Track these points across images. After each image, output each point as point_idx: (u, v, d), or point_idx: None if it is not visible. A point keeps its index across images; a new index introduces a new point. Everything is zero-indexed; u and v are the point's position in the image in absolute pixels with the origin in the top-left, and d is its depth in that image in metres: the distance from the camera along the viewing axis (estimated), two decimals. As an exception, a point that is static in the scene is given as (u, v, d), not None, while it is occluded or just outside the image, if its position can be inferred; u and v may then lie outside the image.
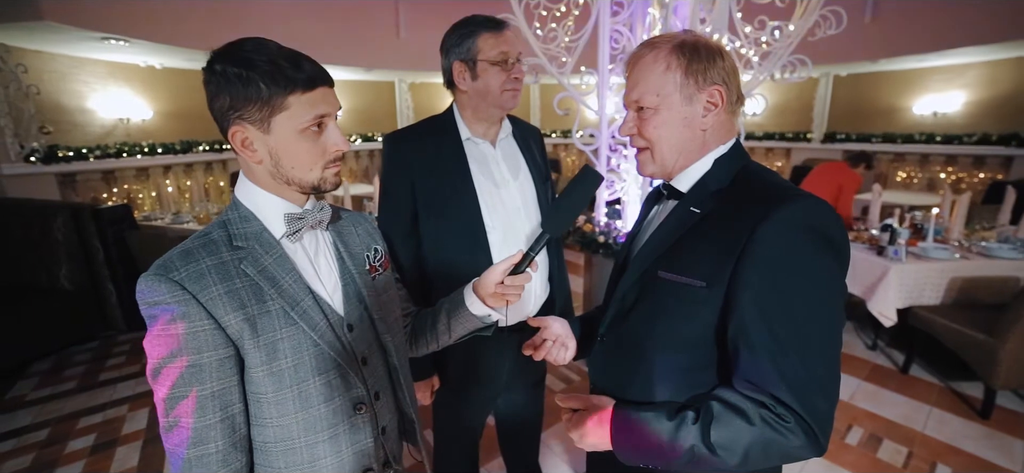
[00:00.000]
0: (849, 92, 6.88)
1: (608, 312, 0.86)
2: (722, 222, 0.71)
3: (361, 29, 6.33)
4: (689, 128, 0.75)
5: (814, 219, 0.64)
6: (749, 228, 0.65)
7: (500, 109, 1.22)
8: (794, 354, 0.62)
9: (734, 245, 0.66)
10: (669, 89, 0.74)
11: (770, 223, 0.64)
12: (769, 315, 0.63)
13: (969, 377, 2.67)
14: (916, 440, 2.25)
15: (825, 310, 0.64)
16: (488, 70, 1.17)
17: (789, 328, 0.62)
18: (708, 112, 0.74)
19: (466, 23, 1.18)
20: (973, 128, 5.86)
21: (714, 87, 0.73)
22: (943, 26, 5.11)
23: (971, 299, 2.73)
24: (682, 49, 0.73)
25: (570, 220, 0.84)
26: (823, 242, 0.64)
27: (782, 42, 2.50)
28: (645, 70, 0.75)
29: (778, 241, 0.64)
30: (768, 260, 0.64)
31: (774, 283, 0.63)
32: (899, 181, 6.57)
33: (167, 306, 0.63)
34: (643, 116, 0.77)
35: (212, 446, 0.65)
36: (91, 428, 2.49)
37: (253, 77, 0.64)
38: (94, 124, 4.94)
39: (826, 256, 0.64)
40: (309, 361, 0.72)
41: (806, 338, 0.62)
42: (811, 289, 0.63)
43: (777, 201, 0.65)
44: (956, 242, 3.01)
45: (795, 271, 0.63)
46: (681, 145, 0.76)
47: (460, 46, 1.18)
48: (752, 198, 0.70)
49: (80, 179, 4.73)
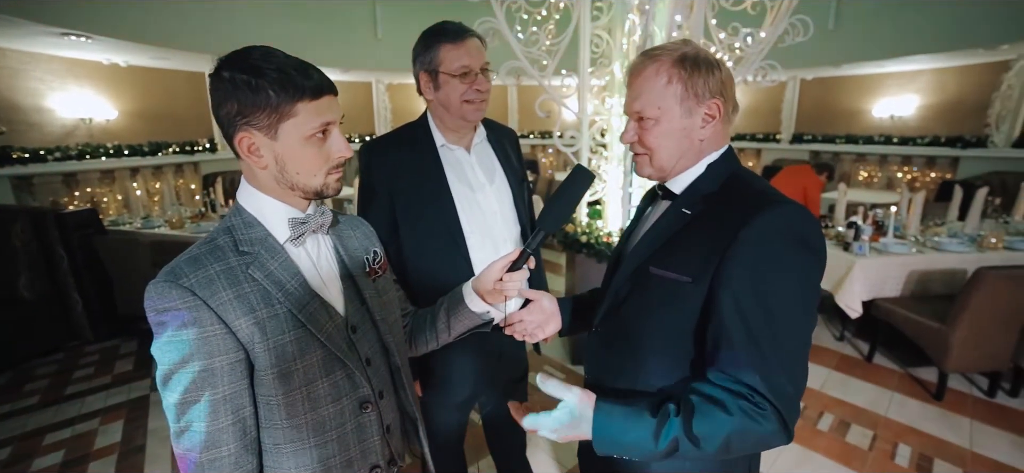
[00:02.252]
0: (815, 95, 7.24)
1: (602, 305, 0.90)
2: (710, 224, 0.76)
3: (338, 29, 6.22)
4: (687, 138, 0.79)
5: (794, 224, 0.70)
6: (733, 230, 0.70)
7: (462, 121, 1.21)
8: (767, 346, 0.67)
9: (719, 245, 0.71)
10: (669, 102, 0.77)
11: (752, 226, 0.69)
12: (746, 311, 0.68)
13: (925, 363, 2.87)
14: (880, 423, 2.40)
15: (798, 308, 0.69)
16: (449, 82, 1.16)
17: (764, 323, 0.68)
18: (706, 123, 0.78)
19: (431, 33, 1.17)
20: (925, 131, 6.27)
21: (713, 101, 0.77)
22: (898, 35, 5.45)
23: (926, 290, 2.93)
24: (683, 63, 0.76)
25: (566, 216, 0.88)
26: (800, 245, 0.70)
27: (754, 48, 2.62)
28: (647, 83, 0.78)
29: (758, 243, 0.69)
30: (748, 260, 0.69)
31: (752, 281, 0.68)
32: (861, 180, 6.95)
33: (177, 312, 0.63)
34: (644, 126, 0.80)
35: (225, 449, 0.66)
36: (59, 445, 2.38)
37: (263, 84, 0.65)
38: (53, 124, 4.69)
39: (802, 257, 0.70)
40: (317, 363, 0.73)
41: (779, 333, 0.68)
42: (786, 288, 0.69)
43: (760, 206, 0.71)
44: (913, 237, 3.22)
45: (772, 270, 0.69)
46: (679, 153, 0.80)
47: (424, 56, 1.18)
48: (738, 203, 0.75)
49: (38, 182, 4.48)
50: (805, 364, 0.71)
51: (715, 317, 0.71)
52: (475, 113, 1.20)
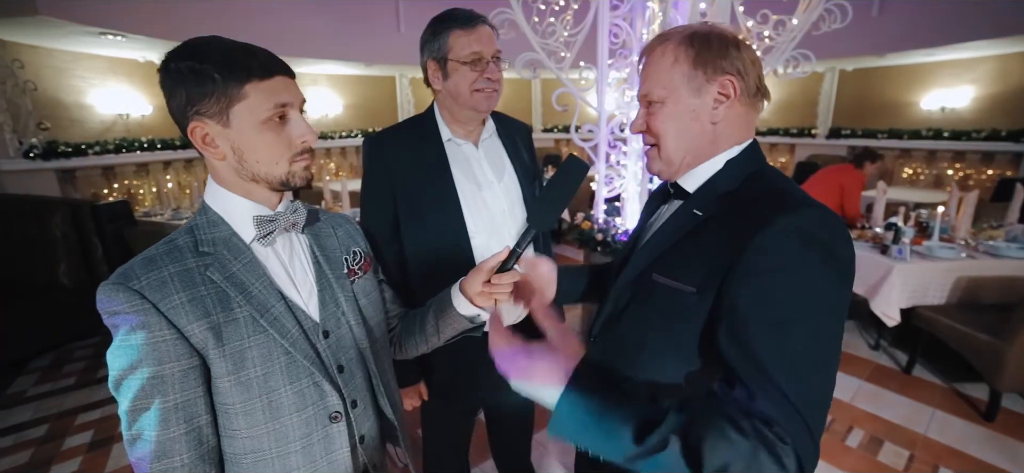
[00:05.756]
0: (855, 87, 6.78)
1: (602, 311, 0.83)
2: (723, 227, 0.67)
3: (361, 24, 6.29)
4: (697, 122, 0.71)
5: (817, 228, 0.60)
6: (748, 235, 0.61)
7: (473, 111, 1.16)
8: (782, 375, 0.58)
9: (730, 252, 0.63)
10: (676, 82, 0.71)
11: (770, 231, 0.60)
12: (761, 331, 0.59)
13: (974, 378, 2.62)
14: (918, 443, 2.22)
15: (821, 329, 0.59)
16: (459, 70, 1.11)
17: (783, 347, 0.58)
18: (719, 104, 0.70)
19: (440, 19, 1.12)
20: (982, 124, 5.75)
21: (726, 77, 0.69)
22: (953, 19, 5.01)
23: (977, 299, 2.68)
24: (692, 40, 0.70)
25: (557, 212, 0.80)
26: (822, 254, 0.60)
27: (785, 37, 2.44)
28: (654, 64, 0.73)
29: (776, 251, 0.60)
30: (764, 271, 0.60)
31: (770, 295, 0.59)
32: (905, 177, 6.48)
33: (126, 316, 0.61)
34: (651, 110, 0.74)
35: (177, 460, 0.63)
36: (89, 425, 2.49)
37: (206, 68, 0.62)
38: (93, 120, 4.94)
39: (825, 268, 0.60)
40: (279, 370, 0.70)
41: (800, 359, 0.58)
42: (808, 305, 0.59)
43: (780, 209, 0.61)
44: (962, 241, 2.95)
45: (792, 285, 0.59)
46: (689, 140, 0.72)
47: (433, 43, 1.13)
48: (757, 204, 0.66)
49: (80, 175, 4.73)
50: (828, 398, 0.60)
51: (726, 334, 0.62)
52: (486, 102, 1.14)
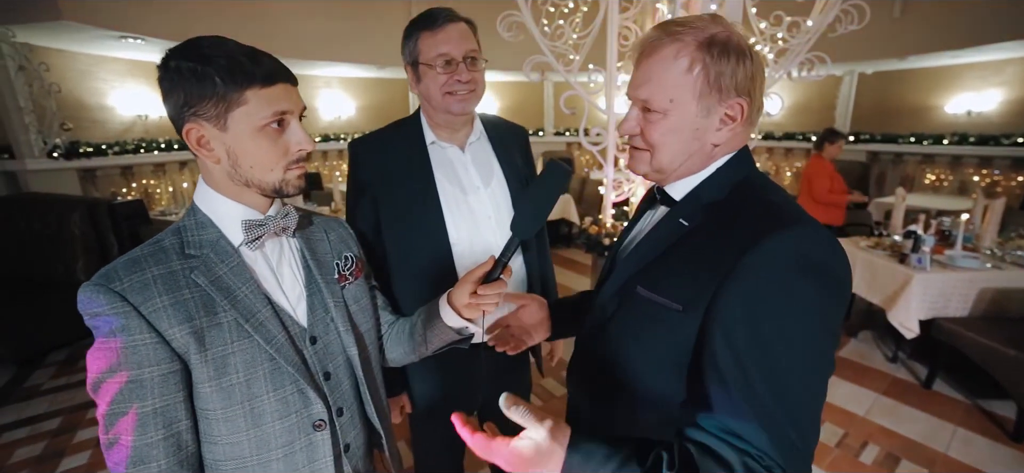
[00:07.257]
0: (875, 90, 6.59)
1: (587, 321, 0.80)
2: (709, 241, 0.64)
3: (372, 26, 6.34)
4: (698, 140, 0.65)
5: (810, 248, 0.57)
6: (735, 254, 0.58)
7: (447, 114, 1.12)
8: (772, 400, 0.55)
9: (717, 271, 0.59)
10: (687, 96, 0.62)
11: (758, 252, 0.57)
12: (749, 356, 0.56)
13: (1000, 395, 2.50)
14: (938, 461, 2.12)
15: (811, 351, 0.57)
16: (428, 73, 1.08)
17: (771, 373, 0.55)
18: (724, 126, 0.64)
19: (412, 22, 1.10)
20: (1011, 128, 5.53)
21: (736, 100, 0.63)
22: (980, 20, 4.83)
23: (1003, 311, 2.57)
24: (710, 48, 0.61)
25: (540, 219, 0.77)
26: (816, 275, 0.57)
27: (800, 39, 2.38)
28: (660, 65, 0.63)
29: (765, 274, 0.57)
30: (752, 294, 0.57)
31: (758, 321, 0.56)
32: (928, 184, 6.27)
33: (106, 318, 0.60)
34: (649, 118, 0.66)
35: (154, 465, 0.62)
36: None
37: (208, 72, 0.62)
38: (114, 121, 5.07)
39: (818, 290, 0.57)
40: (263, 376, 0.69)
41: (789, 387, 0.56)
42: (798, 331, 0.56)
43: (770, 227, 0.58)
44: (988, 250, 2.83)
45: (781, 309, 0.56)
46: (686, 156, 0.66)
47: (405, 47, 1.12)
48: (745, 218, 0.62)
49: (100, 175, 4.86)
50: (818, 420, 0.58)
51: (711, 356, 0.59)
52: (459, 105, 1.10)
